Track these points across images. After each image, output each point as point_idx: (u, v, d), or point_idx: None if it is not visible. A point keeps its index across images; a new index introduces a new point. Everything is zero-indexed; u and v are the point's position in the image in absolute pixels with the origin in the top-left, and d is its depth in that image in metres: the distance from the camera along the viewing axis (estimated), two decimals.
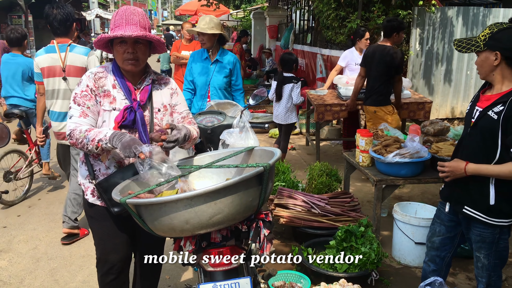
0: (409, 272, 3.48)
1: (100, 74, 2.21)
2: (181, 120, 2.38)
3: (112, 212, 2.16)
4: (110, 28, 2.18)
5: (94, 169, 2.23)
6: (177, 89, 2.40)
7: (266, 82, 11.98)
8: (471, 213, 2.33)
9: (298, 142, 7.47)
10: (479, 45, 2.24)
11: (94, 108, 2.16)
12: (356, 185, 5.30)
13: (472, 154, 2.31)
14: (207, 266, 1.95)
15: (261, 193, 1.84)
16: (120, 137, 1.97)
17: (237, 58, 4.11)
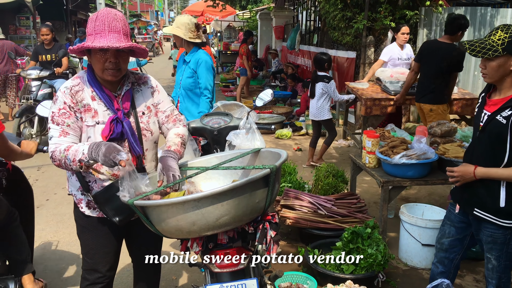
0: (416, 273, 3.47)
1: (76, 87, 2.07)
2: (166, 120, 2.29)
3: (113, 221, 2.09)
4: (89, 33, 2.00)
5: (87, 180, 2.15)
6: (157, 86, 2.29)
7: (272, 82, 11.99)
8: (481, 215, 2.32)
9: (305, 143, 7.46)
10: (497, 49, 2.15)
11: (74, 125, 2.04)
12: (363, 186, 5.29)
13: (481, 157, 2.30)
14: (214, 267, 1.95)
15: (268, 194, 1.85)
16: (97, 149, 1.87)
17: (206, 57, 3.88)
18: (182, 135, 2.27)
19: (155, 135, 2.26)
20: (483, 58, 2.22)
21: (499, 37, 2.16)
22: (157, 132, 2.28)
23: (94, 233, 2.25)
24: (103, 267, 2.30)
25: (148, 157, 2.24)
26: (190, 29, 3.83)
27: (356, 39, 7.11)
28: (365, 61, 7.06)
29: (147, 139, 2.21)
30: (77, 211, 2.26)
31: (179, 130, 2.30)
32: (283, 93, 10.20)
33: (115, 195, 2.02)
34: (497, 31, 2.20)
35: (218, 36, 21.58)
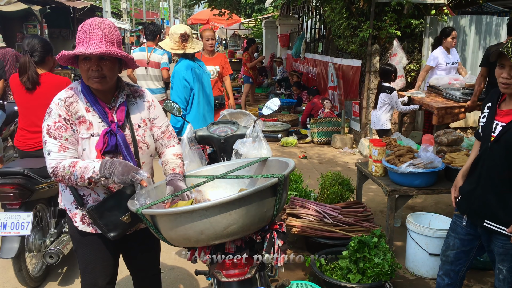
0: (423, 283, 3.44)
1: (70, 99, 2.02)
2: (161, 136, 2.28)
3: (108, 237, 2.08)
4: (76, 42, 2.00)
5: (82, 193, 2.11)
6: (153, 101, 2.26)
7: (277, 90, 12.02)
8: (492, 227, 2.29)
9: (310, 151, 7.46)
10: None
11: (72, 139, 2.01)
12: (369, 194, 5.28)
13: (494, 169, 2.27)
14: (221, 276, 1.95)
15: (276, 203, 1.85)
16: (111, 168, 1.87)
17: (178, 68, 3.86)
18: (180, 155, 2.30)
19: (151, 148, 2.24)
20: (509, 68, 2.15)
21: None
22: (153, 145, 2.25)
23: (91, 247, 2.22)
24: (103, 280, 2.28)
25: (144, 170, 2.20)
26: (174, 39, 3.82)
27: (362, 48, 7.12)
28: (370, 69, 7.06)
29: (143, 152, 2.19)
30: (71, 226, 2.22)
31: (176, 150, 2.32)
32: (288, 101, 10.22)
33: (109, 210, 2.02)
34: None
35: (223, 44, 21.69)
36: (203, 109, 3.98)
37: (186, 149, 2.87)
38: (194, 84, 3.86)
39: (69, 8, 17.39)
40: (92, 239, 2.19)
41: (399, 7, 6.62)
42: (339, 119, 7.81)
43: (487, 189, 2.30)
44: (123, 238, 2.17)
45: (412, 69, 7.11)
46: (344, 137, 7.57)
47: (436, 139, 4.04)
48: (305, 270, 3.59)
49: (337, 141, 7.58)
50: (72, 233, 2.25)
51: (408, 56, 7.02)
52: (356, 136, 7.71)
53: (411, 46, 7.19)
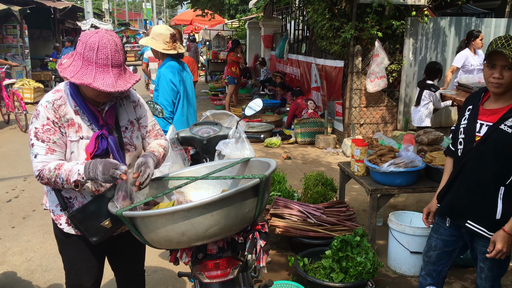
0: (405, 281, 3.49)
1: (58, 102, 1.99)
2: (147, 135, 2.27)
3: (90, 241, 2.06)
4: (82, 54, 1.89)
5: (67, 196, 2.09)
6: (139, 101, 2.26)
7: (261, 91, 12.03)
8: (475, 228, 2.29)
9: (294, 151, 7.49)
10: None
11: (60, 141, 1.98)
12: (352, 194, 5.32)
13: (480, 169, 2.25)
14: (204, 277, 1.95)
15: (258, 204, 1.85)
16: (94, 168, 1.86)
17: (165, 71, 3.70)
18: (164, 147, 2.27)
19: (139, 149, 2.24)
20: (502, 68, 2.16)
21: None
22: (140, 147, 2.25)
23: (76, 249, 2.20)
24: (88, 281, 2.26)
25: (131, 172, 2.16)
26: (165, 40, 3.74)
27: (344, 48, 7.18)
28: (352, 70, 7.13)
29: (130, 154, 2.18)
30: (56, 228, 2.20)
31: (163, 142, 2.30)
32: (272, 102, 10.24)
33: (90, 215, 2.00)
34: (508, 41, 2.14)
35: (207, 45, 21.63)
36: (187, 111, 3.95)
37: (169, 151, 2.85)
38: (180, 86, 3.83)
39: (50, 9, 17.11)
40: (77, 240, 2.18)
41: (380, 8, 6.70)
42: (322, 119, 7.86)
43: (471, 190, 2.29)
44: (108, 240, 2.15)
45: (394, 69, 7.20)
46: (328, 137, 7.62)
47: (416, 139, 4.09)
48: (288, 270, 3.61)
49: (320, 142, 7.63)
50: (57, 234, 2.24)
51: (390, 57, 7.11)
52: (339, 136, 7.77)
53: (393, 47, 7.28)
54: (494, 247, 2.21)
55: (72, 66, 1.92)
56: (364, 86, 7.15)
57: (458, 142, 2.38)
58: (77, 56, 1.92)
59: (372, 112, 7.38)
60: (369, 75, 6.92)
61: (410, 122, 7.49)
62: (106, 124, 2.07)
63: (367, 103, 7.31)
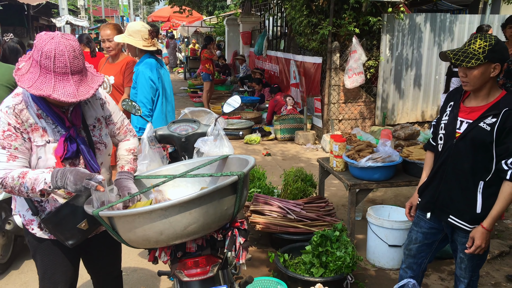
0: (384, 274, 3.54)
1: (19, 106, 1.89)
2: (117, 132, 2.24)
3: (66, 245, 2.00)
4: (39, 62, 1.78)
5: (38, 199, 2.01)
6: (106, 98, 2.19)
7: (240, 88, 12.01)
8: (456, 223, 2.34)
9: (274, 148, 7.51)
10: (479, 57, 2.16)
11: (22, 147, 1.89)
12: (331, 189, 5.37)
13: (460, 165, 2.30)
14: (183, 276, 1.93)
15: (236, 201, 1.85)
16: (63, 178, 1.79)
17: (143, 68, 3.63)
18: (133, 149, 2.25)
19: (109, 147, 2.19)
20: (464, 67, 2.21)
21: (479, 46, 2.18)
22: (110, 144, 2.20)
23: (50, 253, 2.14)
24: (63, 286, 2.22)
25: (103, 170, 2.17)
26: (144, 36, 3.68)
27: (322, 45, 7.22)
28: (331, 66, 7.18)
29: (101, 153, 2.13)
30: (28, 233, 2.13)
31: (130, 144, 2.27)
32: (251, 99, 10.24)
33: (65, 218, 1.95)
34: (475, 39, 2.20)
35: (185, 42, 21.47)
36: (165, 109, 3.90)
37: (146, 149, 2.82)
38: (159, 84, 3.78)
39: (23, 5, 16.73)
40: (51, 244, 2.12)
41: (357, 4, 6.75)
42: (301, 115, 7.89)
43: (452, 185, 2.34)
44: (82, 242, 2.11)
45: (371, 65, 7.28)
46: (307, 134, 7.66)
47: (394, 134, 4.16)
48: (269, 266, 3.62)
49: (300, 138, 7.67)
50: (29, 240, 2.17)
51: (367, 53, 7.18)
52: (319, 132, 7.82)
53: (370, 43, 7.35)
54: (473, 243, 2.26)
55: (30, 74, 1.81)
56: (342, 82, 7.21)
57: (439, 137, 2.43)
58: (34, 63, 1.81)
59: (351, 108, 7.45)
60: (347, 71, 6.99)
61: (388, 117, 7.60)
62: (73, 125, 1.99)
63: (345, 99, 7.37)
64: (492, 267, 3.62)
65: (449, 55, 2.25)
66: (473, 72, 2.20)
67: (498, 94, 2.25)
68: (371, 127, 7.49)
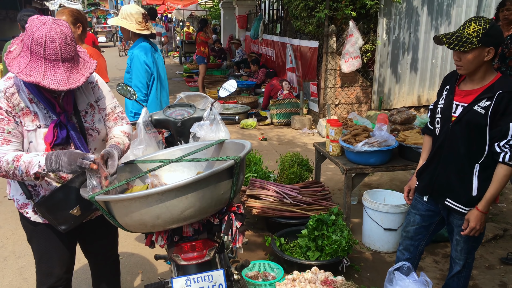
0: (379, 257, 3.58)
1: (10, 90, 1.87)
2: (106, 118, 2.16)
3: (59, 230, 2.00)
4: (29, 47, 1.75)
5: (32, 183, 2.01)
6: (97, 81, 2.14)
7: (236, 72, 11.95)
8: (452, 205, 2.37)
9: (270, 133, 7.50)
10: (472, 41, 2.15)
11: (15, 131, 1.88)
12: (327, 174, 5.39)
13: (456, 149, 2.31)
14: (180, 260, 1.94)
15: (232, 186, 1.85)
16: (57, 160, 1.78)
17: (138, 52, 3.58)
18: (128, 134, 2.19)
19: (102, 133, 2.15)
20: (458, 51, 2.21)
21: (473, 30, 2.16)
22: (104, 130, 2.16)
23: (46, 237, 2.14)
24: (60, 270, 2.22)
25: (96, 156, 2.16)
26: (137, 20, 3.61)
27: (318, 29, 7.17)
28: (327, 50, 7.13)
29: (94, 139, 2.10)
30: (23, 217, 2.13)
31: (125, 128, 2.20)
32: (247, 83, 10.19)
33: (58, 203, 1.94)
34: (470, 23, 2.19)
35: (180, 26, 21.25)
36: (160, 94, 3.87)
37: (142, 133, 2.81)
38: (154, 68, 3.74)
39: None
40: (46, 228, 2.12)
41: None
42: (298, 100, 7.87)
43: (448, 168, 2.36)
44: (79, 226, 2.11)
45: (368, 49, 7.24)
46: (303, 118, 7.65)
47: (390, 118, 4.15)
48: (265, 250, 3.65)
49: (296, 122, 7.66)
50: (24, 224, 2.17)
51: (364, 37, 7.14)
52: (315, 116, 7.82)
53: (367, 27, 7.30)
54: (468, 225, 2.29)
55: (21, 58, 1.78)
56: (338, 67, 7.18)
57: (436, 121, 2.44)
58: (25, 47, 1.78)
59: (347, 92, 7.44)
60: (343, 55, 6.95)
61: (384, 102, 7.60)
62: (64, 111, 1.96)
63: (341, 84, 7.35)
64: (486, 250, 3.66)
65: (443, 39, 2.24)
66: (467, 56, 2.19)
67: (493, 77, 2.25)
68: (367, 111, 7.49)
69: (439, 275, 3.32)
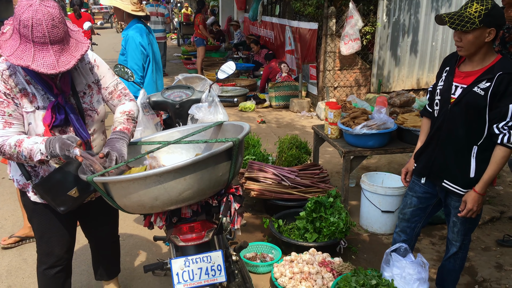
0: (376, 239, 3.60)
1: (7, 72, 1.86)
2: (110, 97, 2.15)
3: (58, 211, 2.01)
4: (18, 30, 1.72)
5: (32, 164, 2.01)
6: (96, 61, 2.11)
7: (235, 55, 11.85)
8: (449, 187, 2.38)
9: (268, 115, 7.48)
10: (474, 21, 2.12)
11: (16, 113, 1.87)
12: (325, 157, 5.39)
13: (454, 130, 2.30)
14: (178, 241, 1.95)
15: (231, 167, 1.85)
16: (54, 147, 1.77)
17: (133, 33, 3.54)
18: (128, 111, 2.15)
19: (101, 114, 2.14)
20: (459, 31, 2.18)
21: (476, 10, 2.14)
22: (103, 111, 2.15)
23: (46, 217, 2.16)
24: (60, 249, 2.24)
25: (96, 138, 2.14)
26: (132, 0, 3.54)
27: (318, 10, 7.09)
28: (327, 32, 7.06)
29: (93, 120, 2.09)
30: (24, 197, 2.15)
31: (125, 107, 2.18)
32: (246, 65, 10.12)
33: (55, 185, 1.94)
34: (472, 3, 2.16)
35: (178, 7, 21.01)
36: (155, 75, 3.84)
37: (140, 115, 2.80)
38: (149, 50, 3.70)
39: None
40: (46, 208, 2.14)
41: None
42: (296, 83, 7.83)
43: (446, 150, 2.36)
44: (79, 207, 2.12)
45: (368, 31, 7.17)
46: (302, 101, 7.62)
47: (389, 101, 4.14)
48: (263, 231, 3.67)
49: (295, 105, 7.63)
50: (25, 203, 2.18)
51: (364, 19, 7.06)
52: (314, 99, 7.79)
53: (367, 8, 7.22)
54: (465, 207, 2.30)
55: (12, 41, 1.76)
56: (338, 49, 7.12)
57: (435, 103, 2.43)
58: (15, 30, 1.75)
59: (346, 75, 7.39)
60: (343, 37, 6.88)
61: (383, 85, 7.56)
62: (61, 92, 1.94)
63: (341, 66, 7.30)
64: (482, 232, 3.69)
65: (445, 18, 2.22)
66: (468, 36, 2.17)
67: (493, 58, 2.23)
68: (366, 94, 7.46)
69: (436, 257, 3.35)
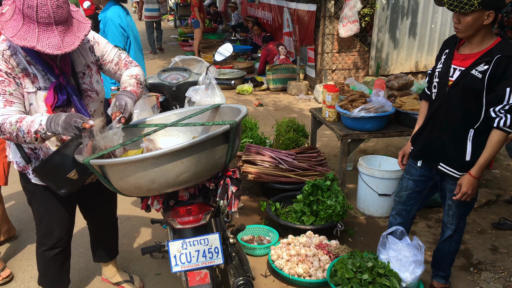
0: (373, 222, 3.62)
1: (7, 52, 1.86)
2: (117, 68, 2.18)
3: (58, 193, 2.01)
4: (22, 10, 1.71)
5: (32, 147, 2.03)
6: (95, 38, 2.11)
7: (232, 37, 11.75)
8: (446, 170, 2.38)
9: (266, 98, 7.45)
10: (473, 3, 2.10)
11: (17, 92, 1.87)
12: (323, 140, 5.39)
13: (451, 113, 2.30)
14: (176, 223, 1.96)
15: (228, 150, 1.84)
16: (57, 119, 1.76)
17: (111, 15, 3.46)
18: (136, 75, 2.18)
19: (101, 94, 2.16)
20: (458, 13, 2.16)
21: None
22: (102, 91, 2.17)
23: (46, 199, 2.16)
24: (60, 231, 2.25)
25: (96, 119, 2.15)
26: None
27: None
28: (325, 14, 6.99)
29: (93, 100, 2.10)
30: (24, 178, 2.15)
31: (132, 71, 2.20)
32: (243, 48, 10.04)
33: (55, 167, 1.93)
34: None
35: None
36: (136, 57, 3.78)
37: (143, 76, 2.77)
38: (129, 31, 3.64)
39: None
40: (46, 190, 2.14)
41: None
42: (294, 65, 7.78)
43: (443, 133, 2.36)
44: (78, 189, 2.12)
45: (367, 13, 7.09)
46: (300, 84, 7.58)
47: (387, 84, 4.12)
48: (261, 214, 3.68)
49: (292, 88, 7.59)
50: (25, 185, 2.19)
51: (362, 1, 6.98)
52: (312, 82, 7.75)
53: None
54: (460, 190, 2.30)
55: (13, 21, 1.74)
56: (336, 31, 7.06)
57: (433, 86, 2.42)
58: (17, 10, 1.73)
59: (344, 57, 7.34)
60: (341, 19, 6.81)
61: (382, 67, 7.52)
62: (62, 72, 1.95)
63: (339, 49, 7.25)
64: (478, 215, 3.71)
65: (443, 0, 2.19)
66: (466, 18, 2.15)
67: (492, 41, 2.21)
68: (364, 77, 7.42)
69: (432, 239, 3.38)
